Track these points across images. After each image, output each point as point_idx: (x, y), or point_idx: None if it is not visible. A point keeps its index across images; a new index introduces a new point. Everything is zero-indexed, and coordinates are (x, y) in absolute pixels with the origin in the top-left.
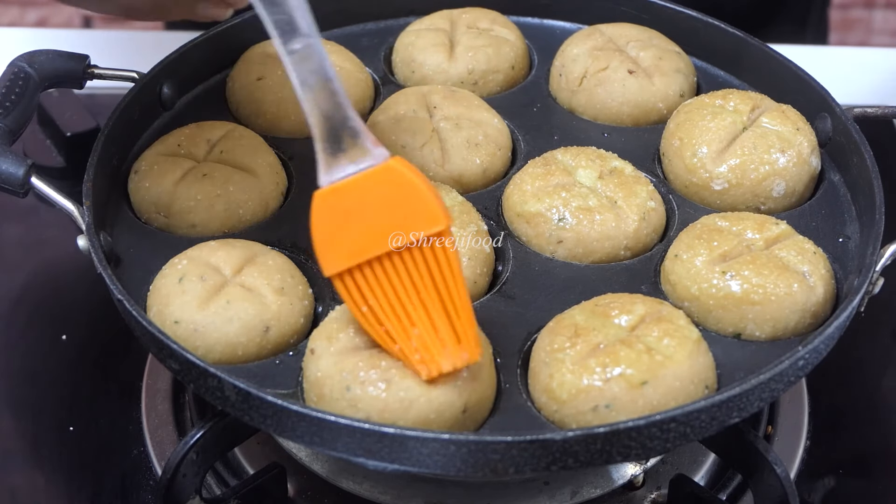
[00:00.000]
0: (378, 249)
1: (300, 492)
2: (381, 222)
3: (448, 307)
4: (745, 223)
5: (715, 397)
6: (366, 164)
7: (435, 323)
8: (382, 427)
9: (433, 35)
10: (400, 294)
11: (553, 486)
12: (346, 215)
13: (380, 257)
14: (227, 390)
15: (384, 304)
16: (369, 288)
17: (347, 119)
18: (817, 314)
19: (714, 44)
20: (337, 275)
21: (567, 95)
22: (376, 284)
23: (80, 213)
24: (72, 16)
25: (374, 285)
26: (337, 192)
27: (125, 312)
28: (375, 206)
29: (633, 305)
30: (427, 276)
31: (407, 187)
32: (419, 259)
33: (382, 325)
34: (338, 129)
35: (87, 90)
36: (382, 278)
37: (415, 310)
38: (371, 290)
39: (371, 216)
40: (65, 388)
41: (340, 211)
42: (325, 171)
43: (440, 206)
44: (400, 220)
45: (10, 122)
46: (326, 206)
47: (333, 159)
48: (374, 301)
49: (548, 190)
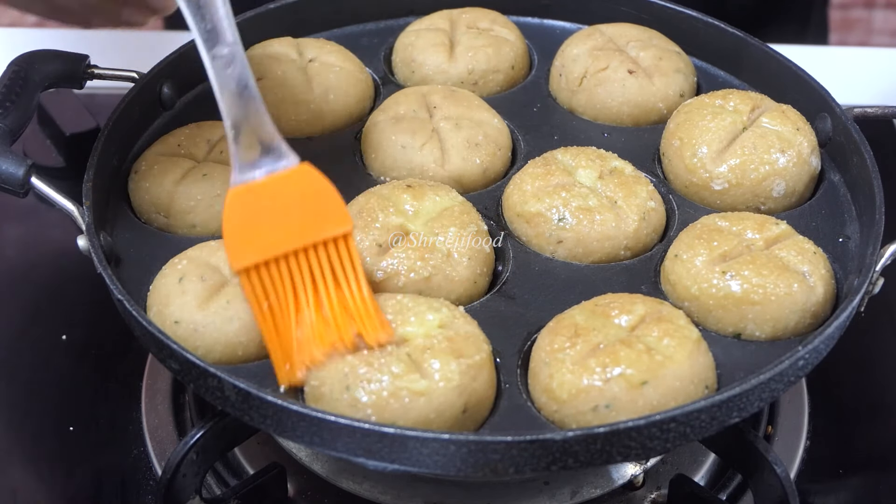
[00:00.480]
0: (285, 247)
1: (300, 492)
2: (290, 222)
3: (351, 301)
4: (745, 223)
5: (715, 397)
6: (279, 165)
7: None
8: (382, 427)
9: (433, 35)
10: (298, 290)
11: (553, 486)
12: (256, 214)
13: (285, 255)
14: (227, 390)
15: (283, 299)
16: (272, 284)
17: (263, 124)
18: (817, 314)
19: (714, 44)
20: (244, 270)
21: (567, 95)
22: (279, 281)
23: (80, 213)
24: None
25: (276, 282)
26: (249, 191)
27: (125, 312)
28: (285, 206)
29: (633, 305)
30: (328, 271)
31: (317, 190)
32: (322, 256)
33: (276, 322)
34: (254, 132)
35: (87, 90)
36: (285, 275)
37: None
38: (273, 286)
39: (280, 216)
40: (65, 388)
41: (252, 209)
42: (239, 171)
43: (346, 209)
44: (308, 221)
45: (10, 122)
46: (239, 203)
47: (248, 160)
48: (273, 298)
49: (548, 190)
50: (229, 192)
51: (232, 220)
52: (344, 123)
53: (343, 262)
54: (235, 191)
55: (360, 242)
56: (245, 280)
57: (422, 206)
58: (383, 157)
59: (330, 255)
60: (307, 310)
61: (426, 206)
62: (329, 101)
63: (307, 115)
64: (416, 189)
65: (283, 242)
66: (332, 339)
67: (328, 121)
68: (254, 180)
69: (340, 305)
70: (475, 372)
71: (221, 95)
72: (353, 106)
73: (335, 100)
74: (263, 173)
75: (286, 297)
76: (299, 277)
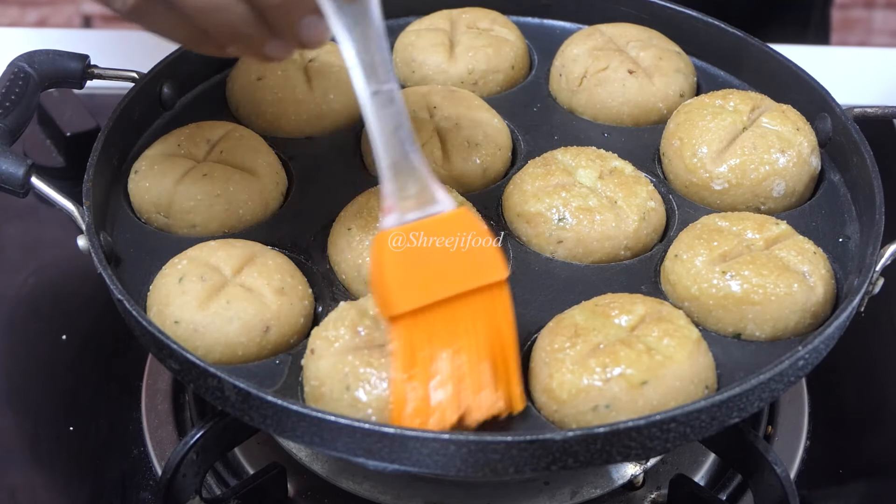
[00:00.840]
0: (441, 294)
1: (300, 492)
2: (446, 267)
3: (498, 356)
4: (745, 223)
5: (715, 397)
6: (434, 209)
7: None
8: (382, 427)
9: (433, 35)
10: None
11: (553, 486)
12: (412, 259)
13: (438, 303)
14: (227, 390)
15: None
16: (425, 335)
17: (418, 166)
18: (817, 314)
19: (714, 44)
20: (398, 316)
21: (567, 95)
22: (432, 331)
23: (80, 213)
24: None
25: (429, 332)
26: (404, 233)
27: (125, 312)
28: (441, 251)
29: (633, 305)
30: (481, 323)
31: (473, 235)
32: (476, 307)
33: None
34: (407, 174)
35: (87, 90)
36: (439, 324)
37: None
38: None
39: (436, 261)
40: (65, 388)
41: (405, 255)
42: (393, 213)
43: (502, 256)
44: (464, 268)
45: (10, 122)
46: (391, 248)
47: (402, 201)
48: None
49: (548, 190)
50: (379, 235)
51: (386, 265)
52: (344, 123)
53: (497, 313)
54: (388, 233)
55: (360, 242)
56: (398, 327)
57: None
58: None
59: (485, 305)
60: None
61: None
62: (329, 101)
63: (307, 115)
64: None
65: (437, 289)
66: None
67: (328, 121)
68: (407, 223)
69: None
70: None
71: (381, 135)
72: (354, 106)
73: (335, 100)
74: (419, 216)
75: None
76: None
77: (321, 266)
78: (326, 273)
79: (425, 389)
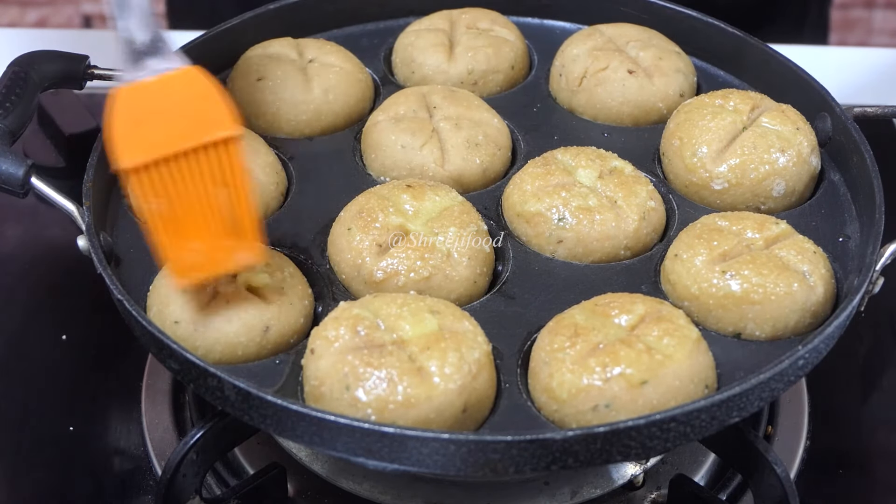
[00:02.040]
0: (172, 147)
1: (300, 492)
2: (177, 123)
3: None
4: (745, 223)
5: (715, 397)
6: (166, 66)
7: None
8: (382, 427)
9: (433, 35)
10: (187, 193)
11: (553, 486)
12: (145, 113)
13: (174, 157)
14: (227, 390)
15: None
16: (161, 185)
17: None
18: (817, 314)
19: (714, 44)
20: (133, 169)
21: (567, 95)
22: (169, 182)
23: (80, 213)
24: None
25: (165, 182)
26: (138, 90)
27: (125, 312)
28: (173, 107)
29: (633, 305)
30: (214, 177)
31: (203, 93)
32: (206, 161)
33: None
34: (144, 34)
35: (87, 90)
36: (174, 177)
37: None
38: (161, 187)
39: (168, 117)
40: (65, 388)
41: (140, 109)
42: (129, 70)
43: (232, 113)
44: (194, 123)
45: (10, 122)
46: (127, 102)
47: (137, 61)
48: (159, 199)
49: (548, 190)
50: (119, 91)
51: (120, 119)
52: (344, 123)
53: (224, 167)
54: (124, 89)
55: (360, 242)
56: (134, 179)
57: (422, 206)
58: (383, 157)
59: (211, 159)
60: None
61: (426, 205)
62: (329, 102)
63: (307, 115)
64: (415, 189)
65: (168, 143)
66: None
67: (328, 121)
68: (142, 79)
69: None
70: (475, 372)
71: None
72: (353, 106)
73: (335, 100)
74: (152, 73)
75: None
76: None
77: (321, 266)
78: (326, 273)
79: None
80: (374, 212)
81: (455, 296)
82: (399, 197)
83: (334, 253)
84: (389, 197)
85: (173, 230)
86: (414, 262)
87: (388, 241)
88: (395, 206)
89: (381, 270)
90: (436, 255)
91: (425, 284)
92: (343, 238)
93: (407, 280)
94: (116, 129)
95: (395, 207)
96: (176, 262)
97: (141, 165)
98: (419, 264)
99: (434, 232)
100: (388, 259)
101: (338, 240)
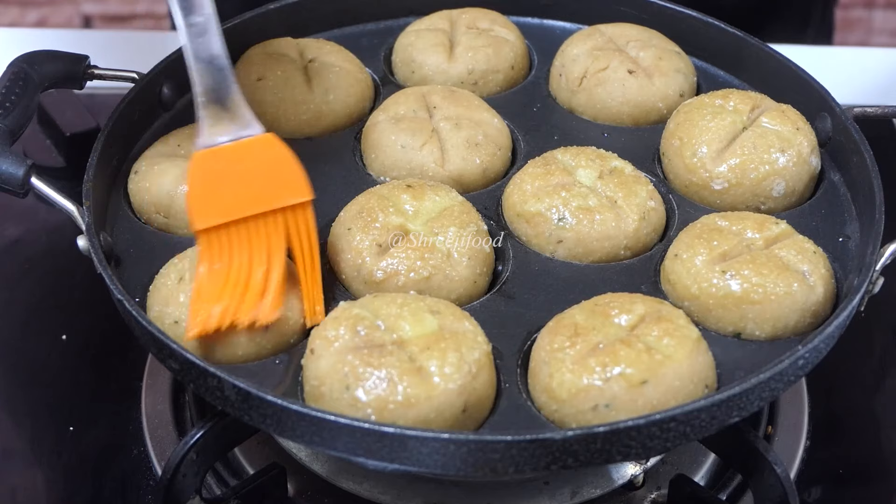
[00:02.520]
0: (246, 211)
1: (300, 492)
2: (252, 187)
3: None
4: (745, 223)
5: (715, 396)
6: (244, 133)
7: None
8: (382, 426)
9: (433, 35)
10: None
11: (553, 486)
12: (220, 177)
13: (245, 220)
14: (227, 390)
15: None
16: (229, 247)
17: (232, 93)
18: (817, 313)
19: (714, 44)
20: (204, 230)
21: (567, 95)
22: (237, 245)
23: (80, 213)
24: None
25: (234, 245)
26: (215, 155)
27: (125, 312)
28: (248, 172)
29: (633, 305)
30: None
31: (279, 158)
32: (280, 224)
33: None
34: (222, 100)
35: (87, 90)
36: (244, 240)
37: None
38: (230, 249)
39: (243, 181)
40: (65, 388)
41: (216, 172)
42: (207, 135)
43: (306, 179)
44: (269, 188)
45: (10, 122)
46: (204, 166)
47: (215, 126)
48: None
49: (548, 190)
50: (195, 155)
51: (196, 182)
52: (344, 123)
53: (300, 231)
54: (201, 154)
55: (360, 242)
56: (204, 240)
57: (422, 206)
58: (383, 157)
59: (288, 223)
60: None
61: (426, 205)
62: (329, 102)
63: (307, 115)
64: (415, 189)
65: (242, 207)
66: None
67: (328, 121)
68: (219, 145)
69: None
70: (475, 372)
71: (195, 63)
72: (353, 106)
73: (335, 100)
74: (230, 139)
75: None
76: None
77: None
78: (326, 273)
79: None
80: (374, 212)
81: (455, 296)
82: (399, 197)
83: (334, 253)
84: (389, 197)
85: (209, 294)
86: (414, 262)
87: (388, 241)
88: (395, 206)
89: (381, 270)
90: (436, 255)
91: (425, 284)
92: (343, 238)
93: (407, 280)
94: (192, 191)
95: (395, 207)
96: (196, 322)
97: (213, 227)
98: (419, 264)
99: (434, 232)
100: (388, 259)
101: (338, 240)
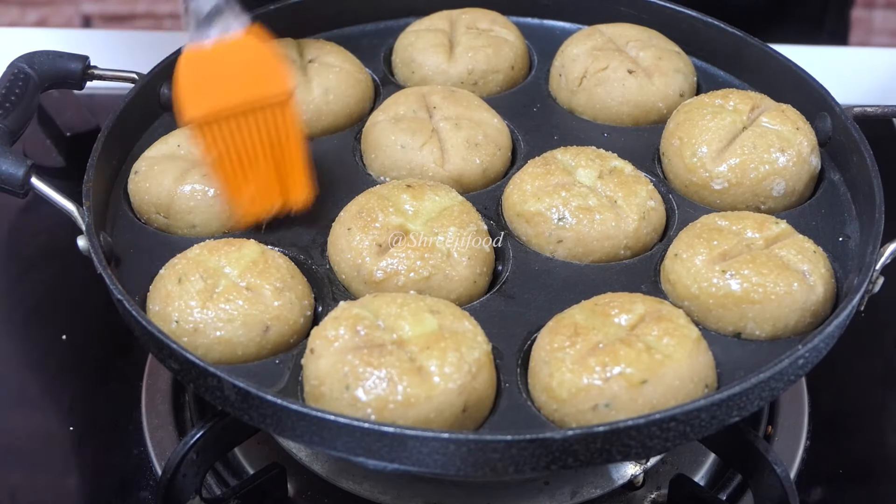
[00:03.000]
0: (231, 100)
1: (300, 492)
2: (237, 82)
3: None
4: (745, 222)
5: (715, 396)
6: (227, 32)
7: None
8: (382, 426)
9: (433, 36)
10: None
11: (553, 486)
12: (207, 74)
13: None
14: (227, 390)
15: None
16: (221, 137)
17: None
18: (817, 313)
19: (714, 44)
20: (196, 120)
21: (567, 95)
22: (228, 135)
23: (80, 213)
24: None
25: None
26: (201, 54)
27: (125, 312)
28: (233, 68)
29: (633, 305)
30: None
31: (260, 56)
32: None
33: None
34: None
35: (87, 90)
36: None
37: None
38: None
39: (228, 76)
40: (65, 387)
41: (203, 70)
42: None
43: (286, 73)
44: (252, 81)
45: (10, 122)
46: (191, 65)
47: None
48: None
49: (547, 190)
50: (184, 53)
51: (186, 77)
52: (344, 123)
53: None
54: (189, 53)
55: (360, 242)
56: (197, 130)
57: (421, 206)
58: (383, 157)
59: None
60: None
61: (426, 205)
62: (329, 102)
63: (307, 115)
64: (415, 189)
65: (229, 97)
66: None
67: (328, 121)
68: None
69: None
70: (475, 371)
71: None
72: (353, 106)
73: (335, 100)
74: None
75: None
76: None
77: (321, 266)
78: (326, 273)
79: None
80: (374, 212)
81: (455, 296)
82: (399, 197)
83: (334, 253)
84: (389, 197)
85: (232, 176)
86: (414, 262)
87: (388, 241)
88: (395, 206)
89: (380, 270)
90: (436, 254)
91: (425, 284)
92: (343, 238)
93: (407, 280)
94: (182, 87)
95: (395, 207)
96: (236, 201)
97: (203, 117)
98: (419, 264)
99: (434, 232)
100: (387, 259)
101: (338, 240)
